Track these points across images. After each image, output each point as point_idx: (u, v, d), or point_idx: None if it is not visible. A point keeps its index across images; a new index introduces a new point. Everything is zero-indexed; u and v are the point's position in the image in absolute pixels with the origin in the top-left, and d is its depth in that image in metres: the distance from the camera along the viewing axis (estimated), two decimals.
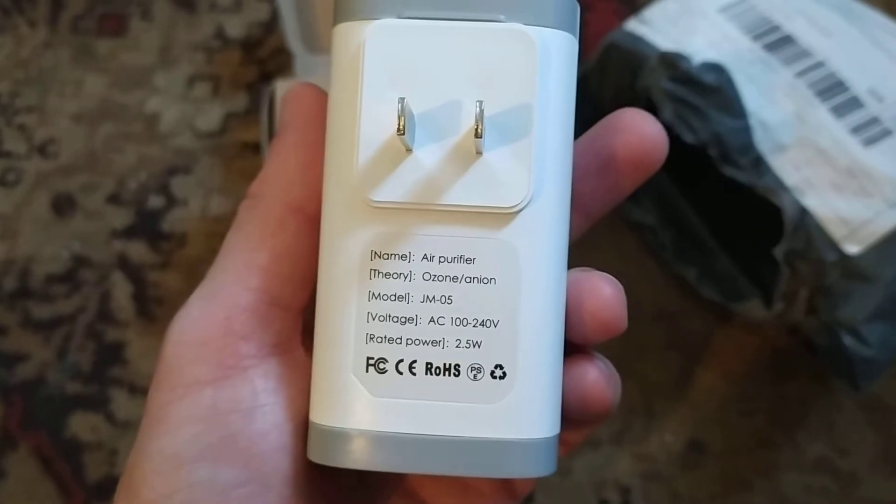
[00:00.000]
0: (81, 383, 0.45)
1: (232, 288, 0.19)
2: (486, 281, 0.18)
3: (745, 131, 0.36)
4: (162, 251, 0.48)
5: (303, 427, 0.19)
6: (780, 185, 0.35)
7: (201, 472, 0.17)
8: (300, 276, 0.19)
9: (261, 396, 0.18)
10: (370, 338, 0.18)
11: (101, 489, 0.43)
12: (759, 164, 0.36)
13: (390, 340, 0.18)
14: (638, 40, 0.40)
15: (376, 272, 0.18)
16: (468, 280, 0.18)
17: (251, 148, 0.50)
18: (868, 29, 0.39)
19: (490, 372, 0.18)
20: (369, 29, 0.17)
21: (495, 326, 0.18)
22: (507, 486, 0.21)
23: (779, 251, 0.35)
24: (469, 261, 0.18)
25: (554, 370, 0.18)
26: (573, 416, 0.19)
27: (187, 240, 0.48)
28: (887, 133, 0.36)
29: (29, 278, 0.48)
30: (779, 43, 0.38)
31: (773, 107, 0.37)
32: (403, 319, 0.18)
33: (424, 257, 0.18)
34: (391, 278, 0.18)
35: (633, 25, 0.41)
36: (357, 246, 0.18)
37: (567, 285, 0.18)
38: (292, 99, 0.20)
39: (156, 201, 0.49)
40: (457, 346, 0.17)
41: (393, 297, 0.18)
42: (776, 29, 0.39)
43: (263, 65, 0.53)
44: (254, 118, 0.51)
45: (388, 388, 0.18)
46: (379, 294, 0.18)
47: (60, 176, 0.51)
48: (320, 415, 0.18)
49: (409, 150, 0.17)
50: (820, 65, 0.37)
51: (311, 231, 0.19)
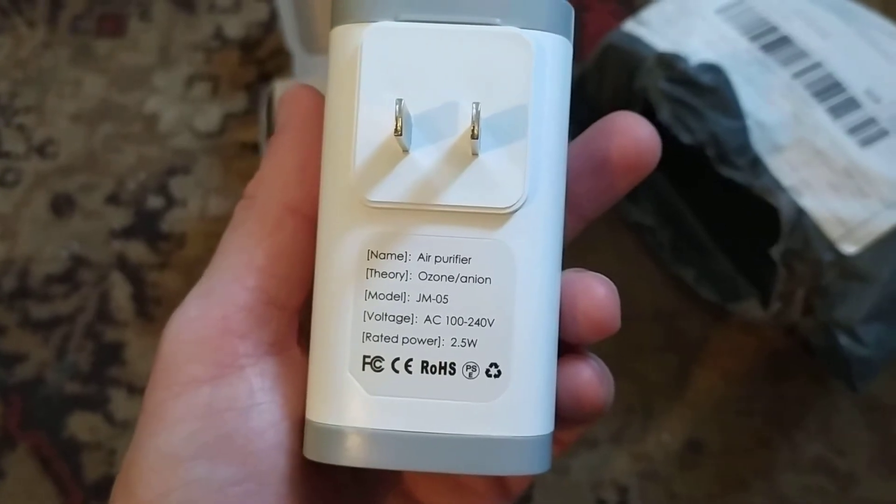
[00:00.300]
0: (80, 383, 0.45)
1: (229, 287, 0.19)
2: (481, 280, 0.18)
3: (742, 132, 0.36)
4: (161, 251, 0.48)
5: (299, 425, 0.19)
6: (777, 186, 0.36)
7: (198, 470, 0.18)
8: (297, 276, 0.19)
9: (257, 395, 0.18)
10: (366, 336, 0.18)
11: (99, 489, 0.43)
12: (757, 165, 0.36)
13: (386, 339, 0.18)
14: (635, 41, 0.40)
15: (373, 271, 0.18)
16: (464, 280, 0.18)
17: (250, 148, 0.51)
18: (865, 30, 0.39)
19: (485, 370, 0.18)
20: (367, 31, 0.18)
21: (490, 325, 0.18)
22: (502, 485, 0.21)
23: (776, 251, 0.35)
24: (465, 261, 0.18)
25: (548, 369, 0.18)
26: (567, 414, 0.19)
27: (186, 240, 0.48)
28: (884, 133, 0.36)
29: (28, 278, 0.48)
30: (776, 44, 0.38)
31: (770, 107, 0.37)
32: (399, 318, 0.18)
33: (420, 257, 0.18)
34: (387, 277, 0.18)
35: (631, 26, 0.41)
36: (354, 245, 0.18)
37: (561, 286, 0.19)
38: (289, 100, 0.20)
39: (155, 201, 0.50)
40: (452, 345, 0.18)
41: (389, 297, 0.18)
42: (773, 30, 0.39)
43: (262, 65, 0.53)
44: (253, 118, 0.51)
45: (385, 386, 0.18)
46: (375, 293, 0.18)
47: (59, 176, 0.51)
48: (316, 413, 0.18)
49: (406, 151, 0.18)
50: (817, 65, 0.37)
51: (308, 231, 0.19)
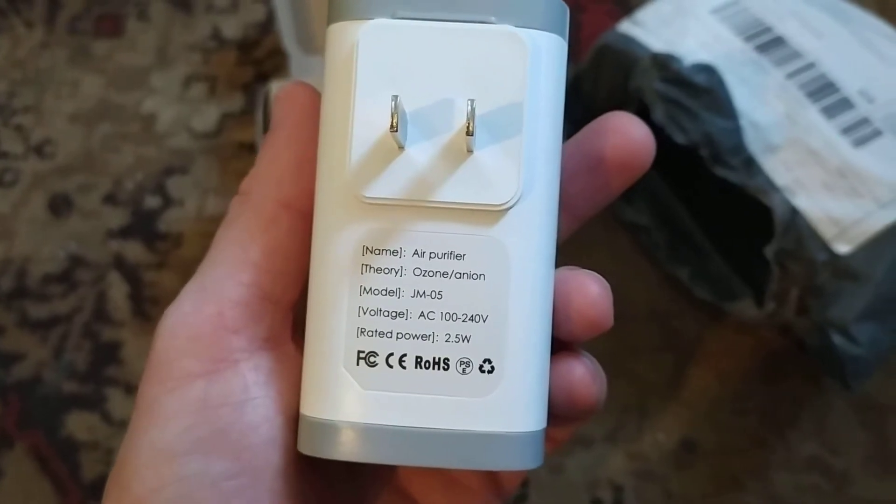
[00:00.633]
0: (78, 383, 0.45)
1: (224, 282, 0.19)
2: (475, 277, 0.18)
3: (736, 132, 0.36)
4: (158, 251, 0.48)
5: (293, 421, 0.19)
6: (770, 186, 0.36)
7: (192, 466, 0.18)
8: (291, 272, 0.19)
9: (252, 390, 0.19)
10: (361, 331, 0.18)
11: (97, 488, 0.43)
12: (751, 165, 0.36)
13: (381, 334, 0.18)
14: (630, 41, 0.40)
15: (368, 267, 0.18)
16: (458, 276, 0.18)
17: (247, 148, 0.51)
18: (859, 30, 0.39)
19: (479, 366, 0.18)
20: (363, 28, 0.18)
21: (484, 321, 0.18)
22: (495, 482, 0.21)
23: (769, 251, 0.36)
24: (459, 257, 0.18)
25: (541, 365, 0.18)
26: (560, 412, 0.19)
27: (183, 240, 0.48)
28: (878, 134, 0.36)
29: (25, 278, 0.48)
30: (770, 44, 0.38)
31: (764, 108, 0.37)
32: (394, 314, 0.18)
33: (415, 253, 0.18)
34: (382, 273, 0.18)
35: (626, 27, 0.41)
36: (349, 241, 0.18)
37: (555, 283, 0.19)
38: (285, 97, 0.20)
39: (152, 201, 0.50)
40: (446, 341, 0.18)
41: (384, 292, 0.18)
42: (768, 30, 0.39)
43: (260, 65, 0.54)
44: (250, 119, 0.51)
45: (379, 381, 0.18)
46: (370, 289, 0.18)
47: (57, 176, 0.51)
48: (311, 407, 0.18)
49: (402, 148, 0.18)
50: (811, 66, 0.38)
51: (303, 227, 0.19)
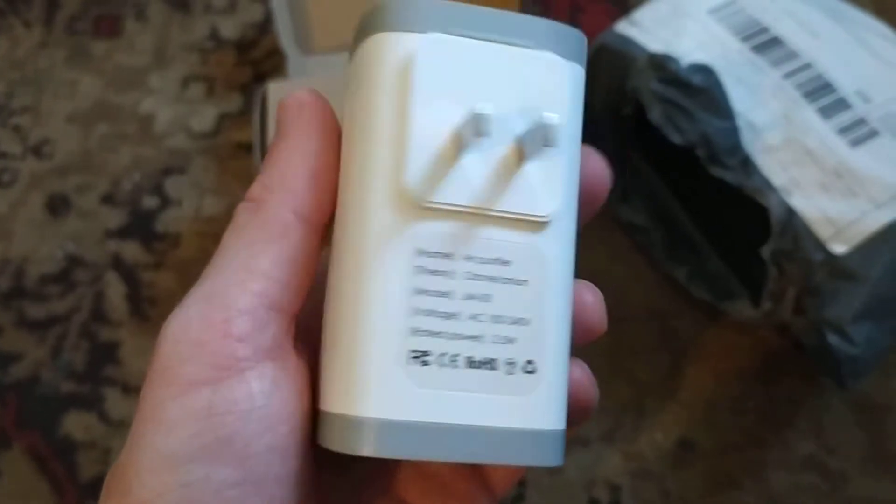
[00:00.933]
0: (75, 383, 0.45)
1: (231, 290, 0.19)
2: (519, 282, 0.19)
3: (732, 132, 0.36)
4: (155, 251, 0.48)
5: (297, 430, 0.19)
6: (767, 186, 0.36)
7: (196, 472, 0.18)
8: (298, 283, 0.19)
9: (257, 398, 0.19)
10: (415, 331, 0.18)
11: (94, 488, 0.43)
12: (747, 165, 0.36)
13: (434, 334, 0.19)
14: (628, 42, 0.40)
15: (422, 269, 0.19)
16: (504, 281, 0.19)
17: (245, 148, 0.51)
18: (856, 30, 0.39)
19: (522, 367, 0.19)
20: (423, 40, 0.19)
21: (527, 325, 0.19)
22: (488, 488, 0.22)
23: (766, 251, 0.36)
24: (505, 263, 0.19)
25: (568, 366, 0.20)
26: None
27: (181, 240, 0.48)
28: (874, 134, 0.36)
29: (23, 278, 0.48)
30: (767, 44, 0.38)
31: (760, 108, 0.37)
32: (447, 315, 0.19)
33: (467, 257, 0.19)
34: (436, 275, 0.19)
35: (623, 27, 0.41)
36: (404, 244, 0.19)
37: None
38: (294, 104, 0.20)
39: (150, 202, 0.50)
40: (494, 342, 0.19)
41: (437, 294, 0.19)
42: (765, 31, 0.39)
43: (257, 66, 0.54)
44: (248, 119, 0.51)
45: (433, 379, 0.18)
46: (424, 290, 0.19)
47: (55, 176, 0.51)
48: (352, 406, 0.18)
49: (458, 157, 0.18)
50: (807, 66, 0.38)
51: (314, 240, 0.19)
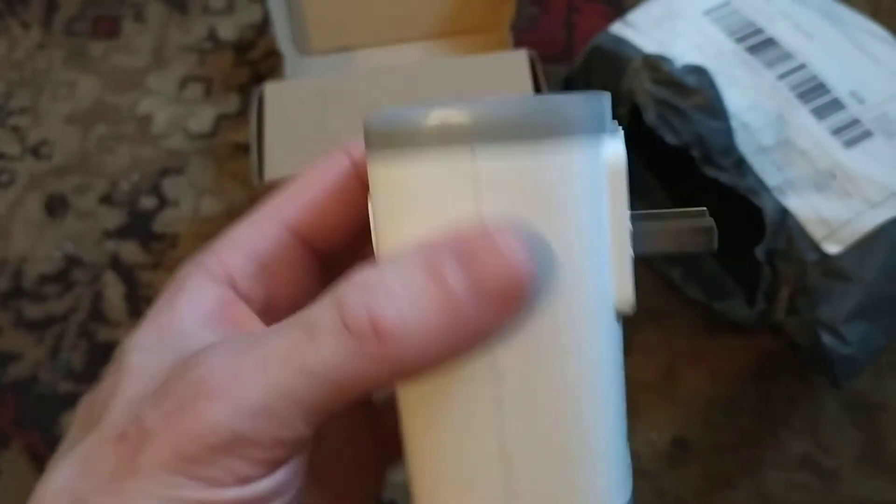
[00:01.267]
0: (74, 382, 0.45)
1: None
2: None
3: (727, 133, 0.36)
4: (154, 251, 0.48)
5: None
6: (761, 186, 0.36)
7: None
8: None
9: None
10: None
11: None
12: (741, 166, 0.36)
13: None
14: (622, 43, 0.40)
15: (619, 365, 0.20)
16: None
17: (243, 149, 0.51)
18: (851, 31, 0.39)
19: None
20: (587, 149, 0.18)
21: None
22: None
23: (760, 251, 0.36)
24: None
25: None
26: None
27: (179, 240, 0.49)
28: (868, 134, 0.36)
29: (22, 278, 0.48)
30: (761, 45, 0.39)
31: (755, 109, 0.37)
32: None
33: None
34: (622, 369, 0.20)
35: (618, 28, 0.41)
36: (613, 341, 0.19)
37: None
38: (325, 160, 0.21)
39: (148, 202, 0.50)
40: None
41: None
42: (759, 32, 0.39)
43: (255, 67, 0.54)
44: (245, 119, 0.52)
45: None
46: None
47: (53, 177, 0.51)
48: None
49: (633, 258, 0.19)
50: (802, 67, 0.38)
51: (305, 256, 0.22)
